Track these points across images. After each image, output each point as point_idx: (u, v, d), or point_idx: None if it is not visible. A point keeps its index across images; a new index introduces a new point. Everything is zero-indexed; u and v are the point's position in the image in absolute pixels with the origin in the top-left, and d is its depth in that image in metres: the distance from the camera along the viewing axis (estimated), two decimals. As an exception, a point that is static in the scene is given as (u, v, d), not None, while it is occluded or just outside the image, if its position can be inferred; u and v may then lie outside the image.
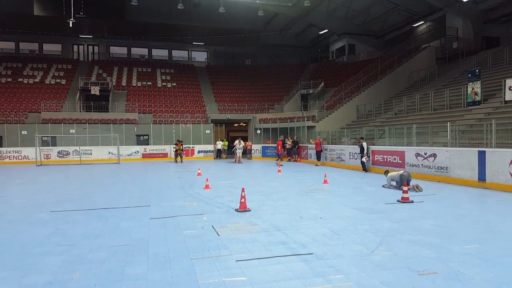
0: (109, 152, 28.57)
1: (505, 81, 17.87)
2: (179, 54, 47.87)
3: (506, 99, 17.63)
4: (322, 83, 36.63)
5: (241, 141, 26.84)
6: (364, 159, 17.94)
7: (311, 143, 24.48)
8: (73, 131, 28.77)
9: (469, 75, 20.34)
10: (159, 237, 6.43)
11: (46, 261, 5.23)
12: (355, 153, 19.37)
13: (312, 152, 24.32)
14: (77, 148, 27.69)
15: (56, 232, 6.83)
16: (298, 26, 41.17)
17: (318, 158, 22.90)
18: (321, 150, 22.84)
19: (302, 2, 31.48)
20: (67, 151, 27.99)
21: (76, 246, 5.93)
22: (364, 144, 17.97)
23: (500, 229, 6.77)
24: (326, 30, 41.66)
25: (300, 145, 26.69)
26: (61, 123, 29.50)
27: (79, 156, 27.42)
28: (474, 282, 4.32)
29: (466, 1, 28.87)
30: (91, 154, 28.32)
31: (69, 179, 16.34)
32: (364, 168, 18.09)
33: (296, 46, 47.37)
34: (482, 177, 12.13)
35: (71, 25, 29.88)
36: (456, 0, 28.82)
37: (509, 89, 17.40)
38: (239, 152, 25.81)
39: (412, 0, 31.49)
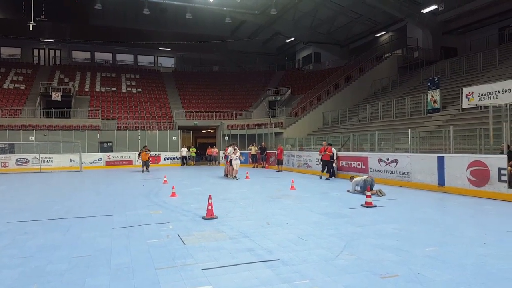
0: (70, 160, 27.63)
1: (462, 89, 18.62)
2: (145, 59, 47.19)
3: (463, 106, 18.35)
4: (289, 91, 37.17)
5: (237, 149, 18.91)
6: (333, 165, 18.01)
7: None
8: (33, 138, 27.68)
9: (429, 84, 21.14)
10: (122, 247, 6.25)
11: (1, 275, 4.98)
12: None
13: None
14: (37, 155, 26.57)
15: (12, 244, 6.52)
16: (265, 34, 41.58)
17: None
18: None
19: (268, 10, 31.80)
20: (26, 159, 26.88)
21: (34, 258, 5.68)
22: (334, 150, 17.97)
23: (459, 232, 7.02)
24: (293, 38, 42.35)
25: (268, 151, 26.79)
26: (19, 129, 28.31)
27: (39, 164, 26.30)
28: (434, 283, 4.46)
29: (425, 13, 30.19)
30: (51, 161, 27.29)
31: (28, 188, 15.70)
32: (333, 173, 18.15)
33: (264, 53, 47.85)
34: (441, 181, 12.56)
35: (31, 29, 28.89)
36: (416, 12, 30.04)
37: (466, 97, 18.12)
38: (236, 164, 18.31)
39: (374, 11, 32.49)
